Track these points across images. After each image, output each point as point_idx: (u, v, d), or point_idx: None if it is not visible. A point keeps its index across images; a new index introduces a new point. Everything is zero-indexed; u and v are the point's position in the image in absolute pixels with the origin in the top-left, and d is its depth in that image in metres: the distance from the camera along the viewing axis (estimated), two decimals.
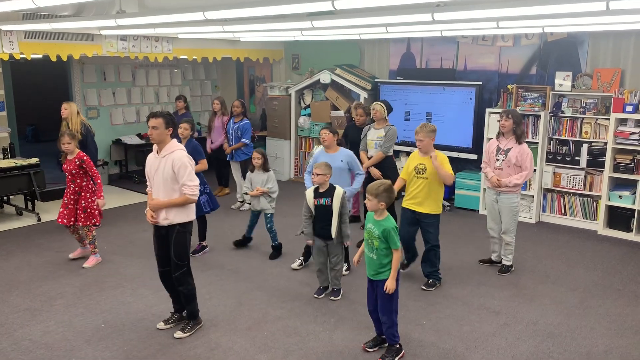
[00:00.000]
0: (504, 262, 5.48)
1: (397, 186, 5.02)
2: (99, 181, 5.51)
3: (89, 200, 5.49)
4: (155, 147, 4.16)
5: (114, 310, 4.64)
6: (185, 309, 4.34)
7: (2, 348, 4.03)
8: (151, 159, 4.18)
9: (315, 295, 4.92)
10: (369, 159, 6.17)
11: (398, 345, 3.95)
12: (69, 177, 5.46)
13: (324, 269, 4.93)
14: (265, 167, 5.84)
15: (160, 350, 4.01)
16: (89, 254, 5.67)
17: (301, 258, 5.60)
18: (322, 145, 5.53)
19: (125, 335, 4.21)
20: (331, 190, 4.78)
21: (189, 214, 4.17)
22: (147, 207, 4.14)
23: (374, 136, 6.18)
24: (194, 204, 4.19)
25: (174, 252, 4.13)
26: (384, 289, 3.78)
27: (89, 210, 5.47)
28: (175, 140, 4.18)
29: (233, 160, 7.76)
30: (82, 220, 5.46)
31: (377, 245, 3.81)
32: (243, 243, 6.17)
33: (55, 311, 4.62)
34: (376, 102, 6.28)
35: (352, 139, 6.57)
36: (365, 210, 4.19)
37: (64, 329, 4.32)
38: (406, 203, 5.11)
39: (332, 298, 4.87)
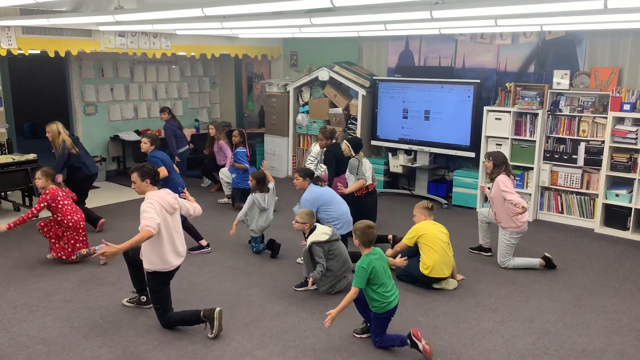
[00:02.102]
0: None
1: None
2: (32, 211, 5.29)
3: (63, 234, 5.47)
4: None
5: (112, 307, 4.64)
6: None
7: (0, 343, 4.04)
8: None
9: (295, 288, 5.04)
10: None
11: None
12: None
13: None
14: (254, 191, 5.81)
15: (157, 347, 4.01)
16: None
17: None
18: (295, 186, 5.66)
19: (123, 331, 4.21)
20: (308, 236, 4.90)
21: (154, 263, 4.05)
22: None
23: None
24: (160, 256, 4.05)
25: (150, 296, 4.31)
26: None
27: (61, 243, 5.46)
28: (154, 190, 4.12)
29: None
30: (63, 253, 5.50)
31: None
32: (273, 251, 5.90)
33: (53, 307, 4.62)
34: (344, 140, 6.25)
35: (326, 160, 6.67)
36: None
37: (61, 325, 4.32)
38: None
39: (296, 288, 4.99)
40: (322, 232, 4.83)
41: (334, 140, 6.74)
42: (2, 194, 7.39)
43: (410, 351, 3.97)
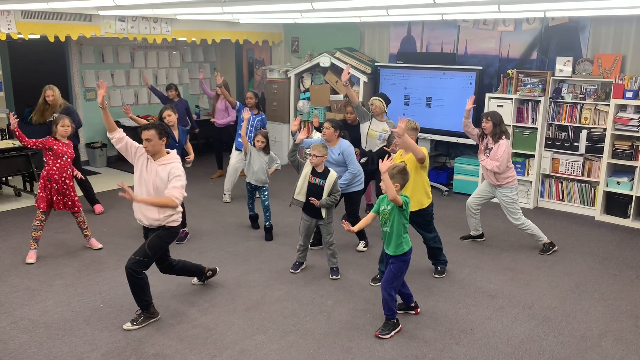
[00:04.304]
0: (539, 243, 5.64)
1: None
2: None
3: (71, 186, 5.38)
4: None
5: (113, 291, 4.66)
6: (135, 300, 4.11)
7: (1, 327, 4.06)
8: (145, 157, 4.11)
9: (292, 271, 5.07)
10: (368, 150, 6.20)
11: (395, 320, 4.04)
12: (69, 160, 5.29)
13: (307, 246, 5.10)
14: (266, 150, 5.94)
15: (158, 331, 4.04)
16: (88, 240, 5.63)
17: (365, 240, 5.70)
18: (323, 137, 5.51)
19: (124, 316, 4.23)
20: (326, 172, 4.89)
21: (178, 219, 4.17)
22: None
23: (377, 128, 6.14)
24: (180, 212, 4.17)
25: (150, 241, 4.07)
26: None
27: (75, 198, 5.37)
28: (174, 152, 4.16)
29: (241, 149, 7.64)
30: (77, 205, 5.38)
31: (390, 217, 3.95)
32: (256, 223, 6.26)
33: (54, 291, 4.65)
34: (374, 98, 6.22)
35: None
36: (378, 194, 4.29)
37: (62, 309, 4.34)
38: None
39: (333, 277, 4.95)
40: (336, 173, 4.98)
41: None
42: (3, 179, 7.39)
43: (407, 335, 4.00)
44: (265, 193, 5.99)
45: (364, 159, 6.23)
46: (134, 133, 9.16)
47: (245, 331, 4.05)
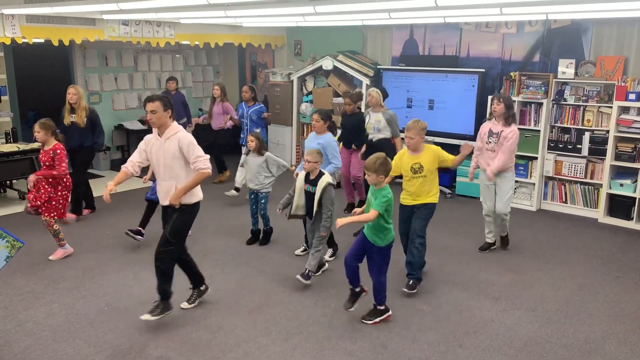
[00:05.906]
0: (487, 239, 5.72)
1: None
2: (55, 173, 5.19)
3: (58, 193, 5.28)
4: (155, 129, 4.11)
5: (117, 294, 4.68)
6: (158, 287, 4.14)
7: (7, 329, 4.08)
8: (152, 141, 4.12)
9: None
10: (369, 140, 6.37)
11: (383, 307, 4.10)
12: (44, 167, 5.24)
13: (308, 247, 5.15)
14: (259, 151, 5.75)
15: (162, 334, 4.05)
16: (70, 252, 5.51)
17: (305, 245, 5.62)
18: (313, 129, 5.66)
19: (128, 318, 4.25)
20: (318, 178, 4.85)
21: (198, 194, 4.16)
22: (109, 185, 4.26)
23: (372, 119, 6.38)
24: (199, 187, 4.16)
25: (170, 227, 4.07)
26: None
27: (53, 202, 5.26)
28: (175, 122, 4.15)
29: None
30: (44, 209, 5.25)
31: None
32: (255, 239, 5.93)
33: (59, 294, 4.67)
34: (372, 89, 6.41)
35: (343, 125, 6.65)
36: (367, 187, 4.51)
37: (67, 312, 4.36)
38: (405, 200, 4.88)
39: (299, 278, 4.78)
40: (330, 177, 4.91)
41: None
42: (8, 182, 7.43)
43: (410, 337, 4.00)
44: (263, 201, 5.78)
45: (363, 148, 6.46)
46: (138, 136, 9.19)
47: (249, 333, 4.06)
